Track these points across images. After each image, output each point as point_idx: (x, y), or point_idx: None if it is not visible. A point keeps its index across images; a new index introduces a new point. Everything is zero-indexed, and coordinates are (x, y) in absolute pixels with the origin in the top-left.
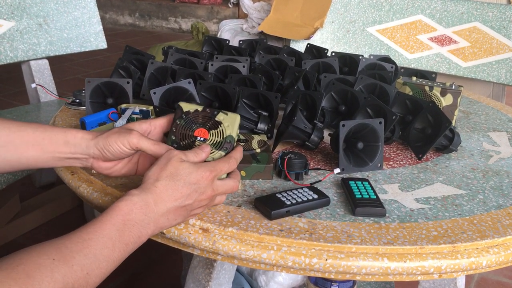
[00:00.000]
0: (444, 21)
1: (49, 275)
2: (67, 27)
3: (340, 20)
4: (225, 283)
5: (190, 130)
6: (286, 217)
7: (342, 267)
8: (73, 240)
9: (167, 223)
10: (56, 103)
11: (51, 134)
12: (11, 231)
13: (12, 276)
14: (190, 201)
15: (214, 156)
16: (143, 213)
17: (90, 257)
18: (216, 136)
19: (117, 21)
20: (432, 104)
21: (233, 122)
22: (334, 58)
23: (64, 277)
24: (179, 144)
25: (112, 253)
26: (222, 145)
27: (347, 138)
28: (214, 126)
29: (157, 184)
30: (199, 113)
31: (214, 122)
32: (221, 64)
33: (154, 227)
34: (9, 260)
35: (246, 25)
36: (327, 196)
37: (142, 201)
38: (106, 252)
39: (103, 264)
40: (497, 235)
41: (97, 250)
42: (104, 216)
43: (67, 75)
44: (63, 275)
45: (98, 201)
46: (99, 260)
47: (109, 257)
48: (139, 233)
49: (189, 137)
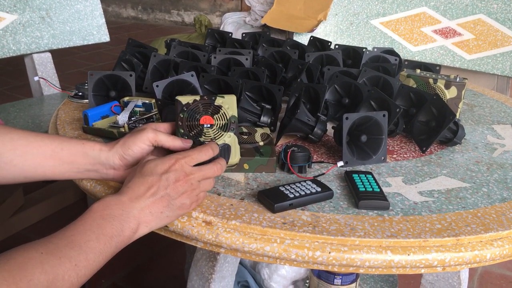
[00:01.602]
0: (448, 13)
1: (39, 266)
2: (69, 20)
3: (343, 12)
4: (228, 276)
5: (195, 120)
6: (289, 210)
7: (346, 260)
8: (58, 237)
9: (155, 218)
10: (59, 96)
11: (69, 145)
12: (15, 224)
13: (5, 268)
14: (166, 191)
15: (224, 138)
16: (119, 209)
17: (76, 249)
18: (220, 120)
19: (120, 14)
20: (436, 97)
21: (232, 103)
22: (338, 50)
23: (53, 267)
24: (188, 135)
25: (98, 245)
26: (228, 127)
27: (351, 131)
28: (216, 111)
29: (129, 184)
30: (199, 102)
31: (214, 107)
32: (224, 57)
33: (137, 222)
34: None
35: (249, 18)
36: (330, 189)
37: (117, 200)
38: (92, 244)
39: (90, 256)
40: (501, 228)
41: (82, 242)
42: (82, 216)
43: (69, 68)
44: (52, 265)
45: (101, 194)
46: (86, 252)
47: (95, 248)
48: (121, 226)
49: (196, 126)
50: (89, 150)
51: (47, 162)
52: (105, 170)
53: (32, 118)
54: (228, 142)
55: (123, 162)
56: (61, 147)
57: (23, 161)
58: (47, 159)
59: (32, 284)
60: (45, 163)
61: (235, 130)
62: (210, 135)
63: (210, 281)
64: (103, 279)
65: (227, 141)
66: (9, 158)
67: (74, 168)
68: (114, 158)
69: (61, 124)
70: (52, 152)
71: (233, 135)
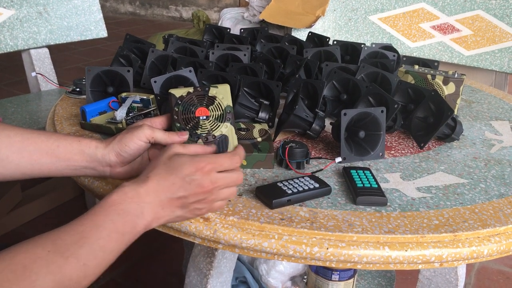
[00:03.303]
0: (447, 9)
1: (44, 266)
2: (67, 16)
3: (342, 8)
4: (226, 272)
5: (191, 113)
6: (287, 206)
7: (343, 256)
8: (67, 232)
9: (166, 215)
10: (56, 92)
11: (66, 142)
12: (13, 220)
13: (10, 268)
14: (185, 193)
15: (221, 129)
16: (135, 203)
17: (85, 248)
18: (216, 111)
19: (118, 10)
20: (434, 93)
21: (226, 93)
22: (336, 46)
23: (60, 268)
24: (185, 128)
25: (108, 243)
26: (224, 117)
27: (349, 127)
28: (211, 102)
29: (150, 175)
30: (193, 94)
31: (209, 98)
32: (222, 53)
33: (150, 218)
34: (6, 252)
35: (247, 14)
36: (328, 185)
37: (133, 191)
38: (102, 242)
39: (100, 254)
40: (499, 224)
41: (92, 240)
42: (96, 207)
43: (67, 64)
44: (59, 266)
45: (99, 190)
46: (95, 250)
47: (105, 247)
48: (134, 223)
49: (192, 119)
50: (85, 148)
51: (44, 159)
52: (102, 167)
53: (30, 114)
54: (225, 133)
55: (120, 159)
56: (57, 144)
57: (19, 157)
58: (44, 156)
59: (37, 285)
60: (42, 160)
61: (231, 120)
62: (207, 127)
63: (208, 277)
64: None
65: (224, 132)
66: (5, 154)
67: (70, 166)
68: (110, 155)
69: (58, 120)
70: (49, 149)
71: (230, 125)
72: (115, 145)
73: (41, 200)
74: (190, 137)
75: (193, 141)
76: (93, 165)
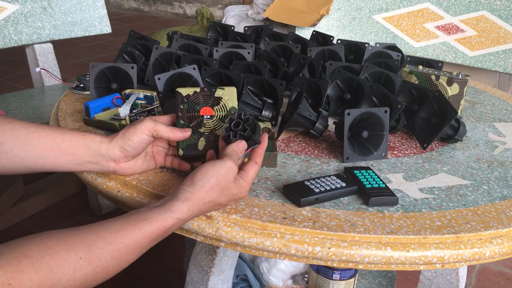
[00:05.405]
0: (451, 9)
1: (70, 273)
2: (71, 11)
3: (346, 7)
4: (227, 270)
5: (195, 111)
6: (290, 205)
7: (345, 256)
8: (105, 240)
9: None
10: (60, 87)
11: (70, 136)
12: (15, 214)
13: (36, 267)
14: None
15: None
16: (178, 226)
17: (115, 261)
18: (220, 111)
19: (122, 6)
20: (438, 94)
21: (232, 95)
22: (340, 45)
23: (84, 277)
24: (188, 126)
25: (134, 257)
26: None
27: (352, 126)
28: (216, 102)
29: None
30: (199, 94)
31: (215, 98)
32: (226, 50)
33: None
34: (38, 245)
35: (252, 11)
36: (355, 185)
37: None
38: (131, 257)
39: (123, 264)
40: (501, 226)
41: (124, 255)
42: (146, 224)
43: (71, 60)
44: (84, 275)
45: (102, 186)
46: (122, 263)
47: (131, 260)
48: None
49: (196, 117)
50: (90, 142)
51: (48, 152)
52: (106, 162)
53: (33, 109)
54: None
55: (124, 154)
56: (62, 138)
57: (23, 151)
58: (48, 150)
59: None
60: (46, 154)
61: None
62: (210, 126)
63: (209, 274)
64: None
65: None
66: (9, 147)
67: (74, 160)
68: (114, 150)
69: (62, 116)
70: (53, 143)
71: None
72: (119, 139)
73: (43, 195)
74: (193, 134)
75: (195, 138)
76: (97, 159)
